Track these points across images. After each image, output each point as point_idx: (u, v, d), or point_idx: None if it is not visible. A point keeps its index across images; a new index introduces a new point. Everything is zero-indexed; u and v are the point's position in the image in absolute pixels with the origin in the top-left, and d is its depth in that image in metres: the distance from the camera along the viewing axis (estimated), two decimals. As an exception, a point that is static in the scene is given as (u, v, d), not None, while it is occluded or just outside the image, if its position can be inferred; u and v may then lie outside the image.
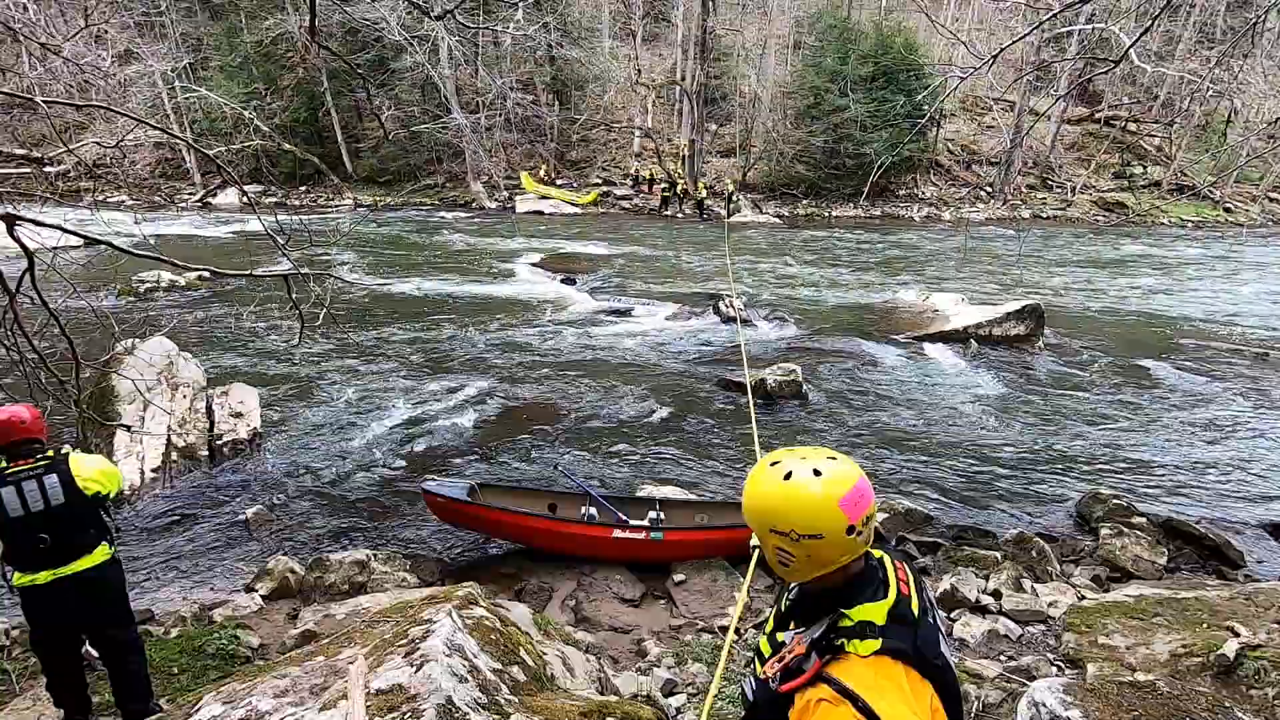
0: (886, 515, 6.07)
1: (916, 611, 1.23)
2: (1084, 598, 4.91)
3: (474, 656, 2.77)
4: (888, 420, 8.47)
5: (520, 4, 20.90)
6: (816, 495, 1.19)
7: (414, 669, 2.53)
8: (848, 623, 1.20)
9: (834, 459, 1.25)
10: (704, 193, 24.93)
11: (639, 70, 28.32)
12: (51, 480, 2.96)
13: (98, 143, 5.75)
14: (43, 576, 2.99)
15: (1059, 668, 3.97)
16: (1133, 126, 30.14)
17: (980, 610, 4.79)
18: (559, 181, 27.47)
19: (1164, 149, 29.28)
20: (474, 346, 10.71)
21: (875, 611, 1.20)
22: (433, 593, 3.88)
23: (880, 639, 1.17)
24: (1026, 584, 5.08)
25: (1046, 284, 15.83)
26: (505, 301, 13.44)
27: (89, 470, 3.08)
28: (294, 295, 3.50)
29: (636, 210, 26.00)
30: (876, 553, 1.35)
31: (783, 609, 1.39)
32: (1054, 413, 8.77)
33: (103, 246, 3.33)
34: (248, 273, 3.73)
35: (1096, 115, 30.47)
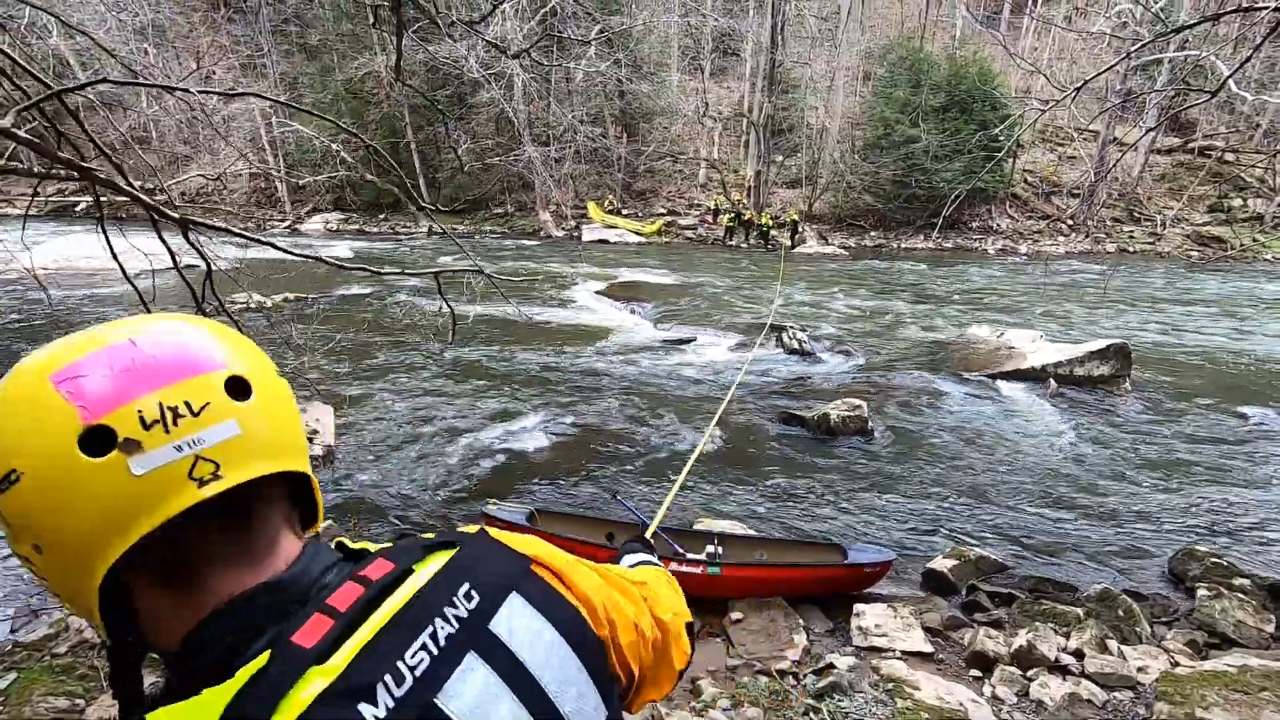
0: (956, 563, 5.78)
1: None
2: (1178, 664, 4.51)
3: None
4: (958, 461, 8.11)
5: (592, 42, 21.58)
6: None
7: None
8: None
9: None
10: (769, 223, 24.86)
11: (706, 103, 28.69)
12: None
13: (202, 175, 6.22)
14: None
15: (1150, 741, 3.66)
16: (1230, 156, 28.38)
17: (1060, 670, 4.48)
18: (624, 211, 27.94)
19: (1267, 180, 27.40)
20: (537, 372, 10.90)
21: (195, 712, 0.52)
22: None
23: None
24: (1112, 644, 4.71)
25: (1133, 322, 14.95)
26: (569, 329, 13.65)
27: None
28: (445, 296, 3.99)
29: (700, 240, 26.11)
30: (368, 546, 0.70)
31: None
32: (1142, 460, 8.20)
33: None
34: (400, 271, 4.12)
35: (1189, 145, 28.88)
